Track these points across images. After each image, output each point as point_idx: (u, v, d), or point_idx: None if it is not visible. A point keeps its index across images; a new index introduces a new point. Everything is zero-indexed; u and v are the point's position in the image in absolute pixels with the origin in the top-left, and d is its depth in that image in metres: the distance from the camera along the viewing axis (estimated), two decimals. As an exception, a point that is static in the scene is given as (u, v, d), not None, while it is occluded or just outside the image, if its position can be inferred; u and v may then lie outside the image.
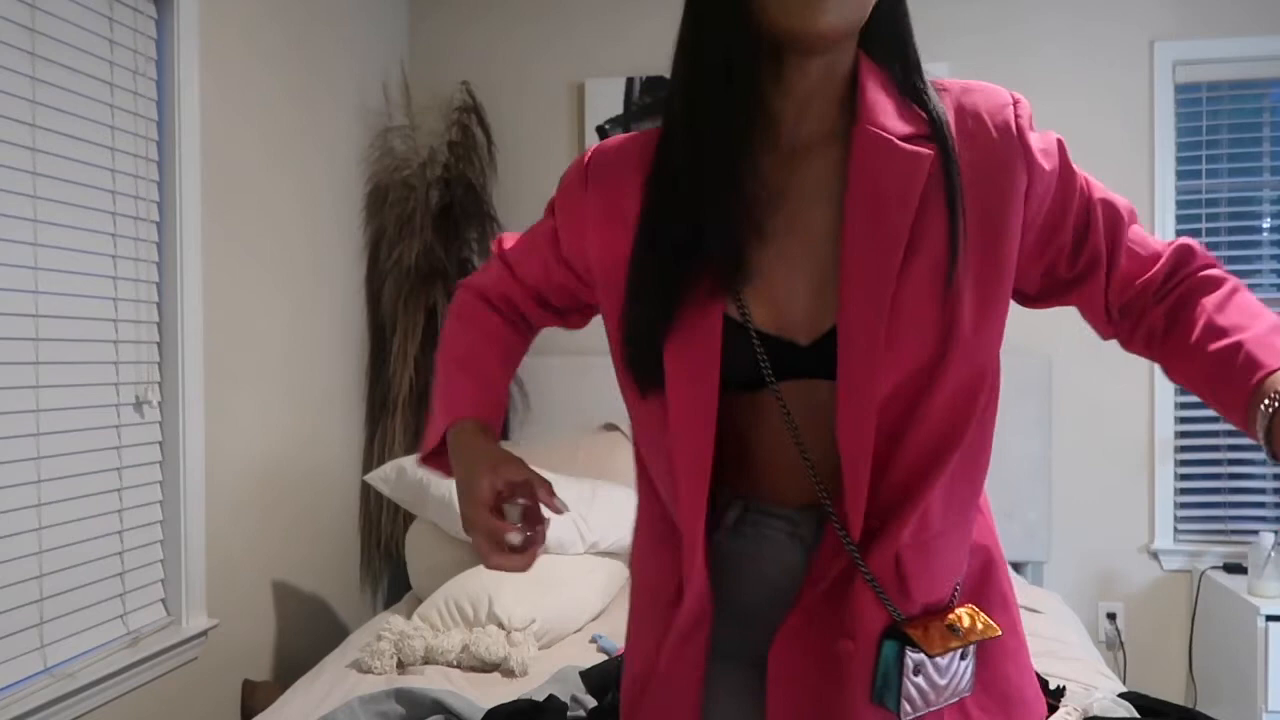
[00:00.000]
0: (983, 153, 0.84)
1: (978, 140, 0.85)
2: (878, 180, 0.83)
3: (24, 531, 1.77)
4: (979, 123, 0.85)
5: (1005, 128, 0.85)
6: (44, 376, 1.82)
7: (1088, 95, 3.19)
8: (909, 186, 0.82)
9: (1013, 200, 0.84)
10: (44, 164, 1.81)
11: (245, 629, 2.44)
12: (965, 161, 0.84)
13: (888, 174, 0.83)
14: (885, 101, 0.86)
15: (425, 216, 3.14)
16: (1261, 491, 3.17)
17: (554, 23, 3.43)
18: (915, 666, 0.83)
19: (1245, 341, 0.82)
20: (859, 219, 0.82)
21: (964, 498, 0.88)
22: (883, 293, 0.80)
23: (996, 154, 0.84)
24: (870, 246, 0.81)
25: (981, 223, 0.83)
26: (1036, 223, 0.87)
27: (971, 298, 0.82)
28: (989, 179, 0.84)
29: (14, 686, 1.74)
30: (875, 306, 0.80)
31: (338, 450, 2.99)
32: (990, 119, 0.85)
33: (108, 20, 1.97)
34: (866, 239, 0.81)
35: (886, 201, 0.82)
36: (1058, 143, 0.90)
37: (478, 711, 1.82)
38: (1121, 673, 3.12)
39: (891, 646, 0.84)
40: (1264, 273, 3.18)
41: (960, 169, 0.83)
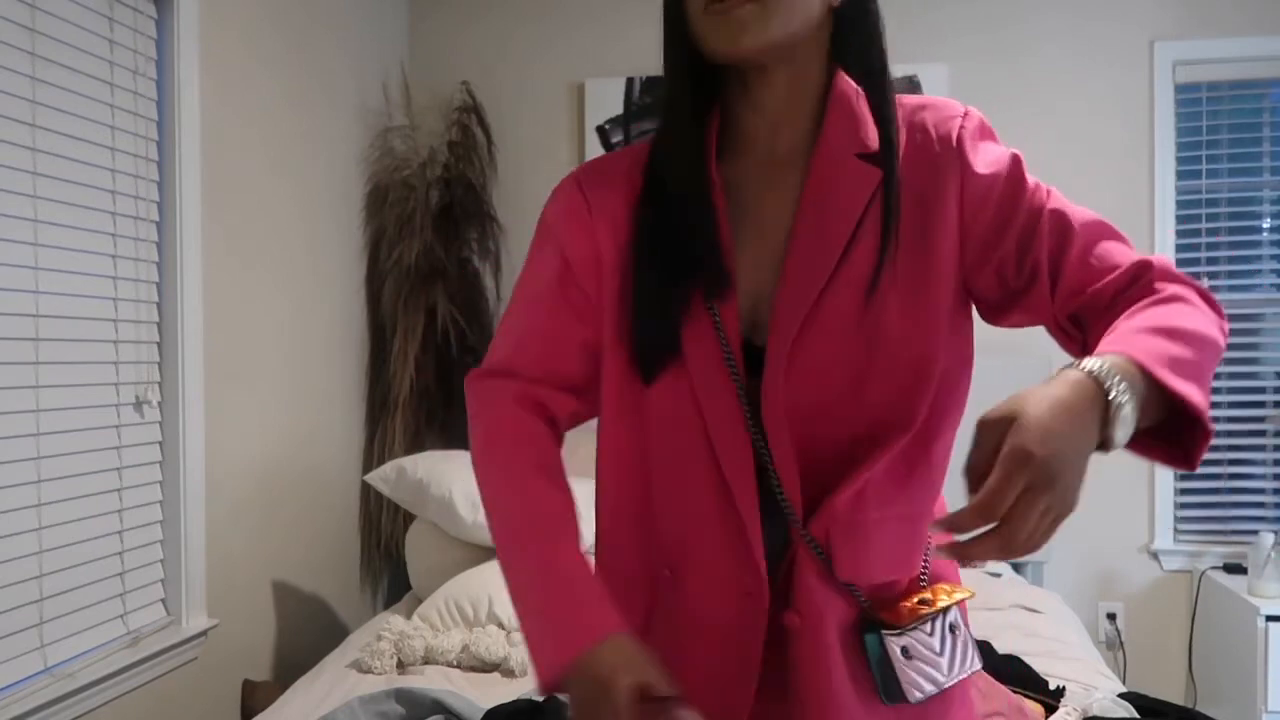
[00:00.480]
0: (925, 165, 0.88)
1: (923, 153, 0.89)
2: (827, 195, 0.88)
3: (24, 531, 1.77)
4: (925, 136, 0.89)
5: (946, 138, 0.89)
6: (44, 376, 1.82)
7: (1088, 95, 3.19)
8: (853, 202, 0.87)
9: (944, 205, 0.87)
10: (44, 164, 1.81)
11: (245, 629, 2.44)
12: (910, 175, 0.88)
13: (837, 190, 0.88)
14: (850, 119, 0.89)
15: (425, 216, 3.14)
16: (1261, 491, 3.17)
17: (554, 23, 3.43)
18: (903, 649, 0.85)
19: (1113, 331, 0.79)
20: (804, 230, 0.88)
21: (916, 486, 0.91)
22: (807, 297, 0.86)
23: (936, 164, 0.88)
24: (808, 257, 0.87)
25: (917, 229, 0.87)
26: (975, 229, 0.88)
27: (900, 299, 0.86)
28: (927, 188, 0.88)
29: (14, 686, 1.74)
30: (798, 310, 0.86)
31: (338, 450, 2.99)
32: (935, 131, 0.89)
33: (108, 20, 1.97)
34: (806, 249, 0.87)
35: (831, 215, 0.87)
36: (1011, 156, 0.90)
37: (478, 711, 1.82)
38: (1121, 673, 3.12)
39: (872, 639, 0.86)
40: (1264, 273, 3.18)
41: (903, 184, 0.87)
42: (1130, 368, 0.71)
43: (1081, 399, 0.69)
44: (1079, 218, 0.88)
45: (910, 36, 3.26)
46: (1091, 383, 0.70)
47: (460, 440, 3.13)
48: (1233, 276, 3.20)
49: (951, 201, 0.88)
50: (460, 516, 2.51)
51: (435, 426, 3.18)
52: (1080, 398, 0.69)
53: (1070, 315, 0.87)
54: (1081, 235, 0.86)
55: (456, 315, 3.13)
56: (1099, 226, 0.88)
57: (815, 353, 0.86)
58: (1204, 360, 0.77)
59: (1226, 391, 3.18)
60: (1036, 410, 0.67)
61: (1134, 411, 0.70)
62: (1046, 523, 0.67)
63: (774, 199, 0.91)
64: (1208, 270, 3.20)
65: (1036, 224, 0.87)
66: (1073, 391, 0.69)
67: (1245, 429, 3.16)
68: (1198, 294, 0.83)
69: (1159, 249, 3.16)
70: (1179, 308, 0.80)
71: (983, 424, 0.69)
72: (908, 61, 3.23)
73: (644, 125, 3.35)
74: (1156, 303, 0.81)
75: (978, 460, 0.68)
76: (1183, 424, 0.75)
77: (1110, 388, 0.69)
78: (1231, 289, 3.19)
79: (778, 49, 0.86)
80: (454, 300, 3.15)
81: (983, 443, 0.69)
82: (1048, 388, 0.70)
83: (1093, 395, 0.69)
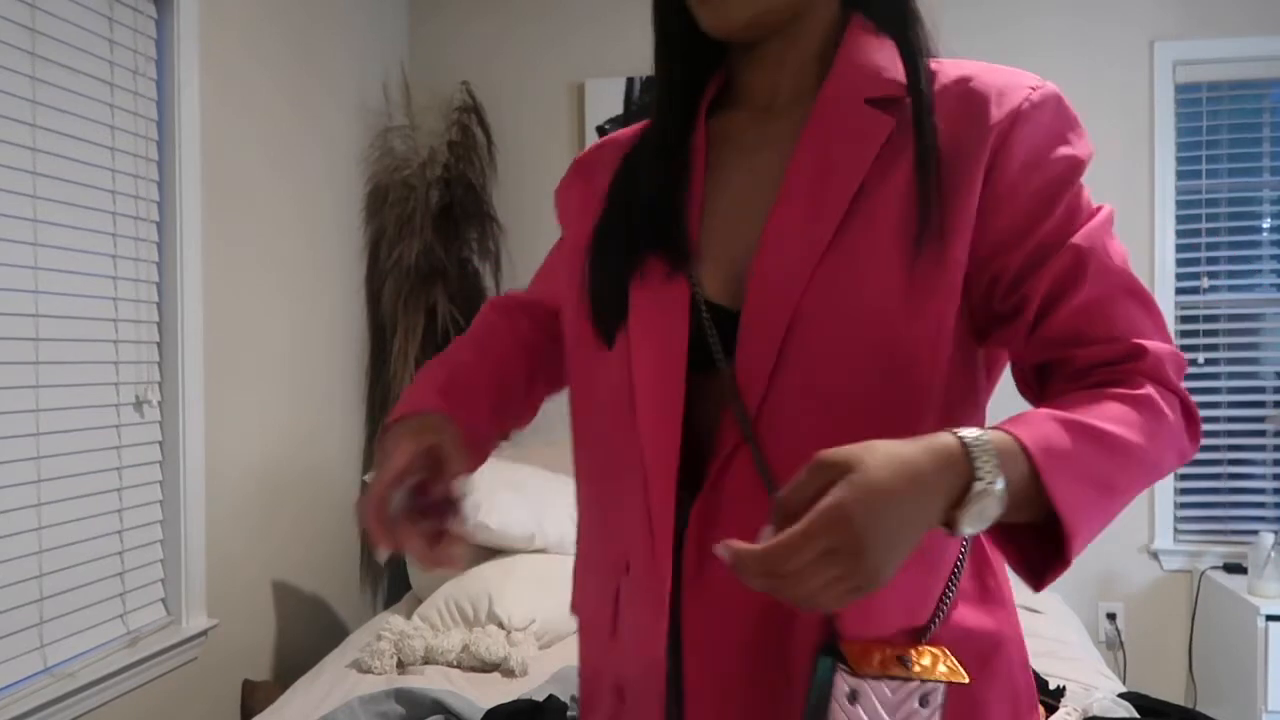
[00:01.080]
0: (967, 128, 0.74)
1: (968, 115, 0.74)
2: (828, 146, 0.76)
3: (24, 531, 1.77)
4: (979, 98, 0.75)
5: (1003, 104, 0.74)
6: (44, 376, 1.82)
7: (1088, 95, 3.19)
8: (857, 155, 0.74)
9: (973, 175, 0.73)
10: (44, 164, 1.81)
11: (245, 629, 2.44)
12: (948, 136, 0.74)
13: (839, 140, 0.75)
14: (863, 64, 0.78)
15: (425, 216, 3.14)
16: (1261, 491, 3.17)
17: (554, 23, 3.43)
18: (851, 692, 0.68)
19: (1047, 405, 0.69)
20: (796, 188, 0.75)
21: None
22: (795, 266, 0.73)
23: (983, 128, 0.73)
24: (796, 218, 0.74)
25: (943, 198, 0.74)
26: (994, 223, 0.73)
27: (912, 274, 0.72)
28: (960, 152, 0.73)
29: (14, 686, 1.74)
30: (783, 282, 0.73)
31: (338, 450, 2.99)
32: (996, 95, 0.74)
33: (108, 20, 1.97)
34: (793, 210, 0.75)
35: (832, 170, 0.74)
36: (1070, 159, 0.75)
37: (478, 711, 1.82)
38: (1121, 673, 3.12)
39: (825, 664, 0.70)
40: (1264, 273, 3.18)
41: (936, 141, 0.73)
42: (1016, 454, 0.62)
43: (936, 470, 0.60)
44: (1103, 264, 0.73)
45: (910, 36, 3.26)
46: (959, 455, 0.60)
47: (460, 440, 3.13)
48: (1233, 276, 3.19)
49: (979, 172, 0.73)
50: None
51: (435, 426, 3.18)
52: (935, 468, 0.60)
53: (1037, 365, 0.76)
54: (1095, 285, 0.72)
55: (457, 315, 3.13)
56: (1123, 283, 0.73)
57: (808, 335, 0.72)
58: (1123, 481, 0.67)
59: (1226, 391, 3.18)
60: (876, 467, 0.58)
61: (999, 504, 0.60)
62: (838, 591, 0.58)
63: (770, 153, 0.80)
64: (1208, 270, 3.20)
65: (1051, 251, 0.72)
66: (931, 459, 0.60)
67: (1245, 429, 3.16)
68: (1180, 406, 0.73)
69: (1159, 249, 3.16)
70: (1131, 413, 0.68)
71: (817, 462, 0.60)
72: (908, 61, 3.23)
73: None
74: (1118, 398, 0.69)
75: (794, 500, 0.59)
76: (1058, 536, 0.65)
77: (978, 468, 0.60)
78: (1231, 289, 3.19)
79: (775, 15, 0.79)
80: (454, 300, 3.15)
81: (807, 482, 0.59)
82: (905, 445, 0.60)
83: (952, 469, 0.60)
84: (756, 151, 0.82)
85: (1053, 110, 0.75)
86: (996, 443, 0.61)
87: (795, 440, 0.72)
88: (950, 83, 0.77)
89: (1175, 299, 3.18)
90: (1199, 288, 3.19)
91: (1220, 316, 3.19)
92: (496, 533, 2.48)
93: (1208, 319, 3.19)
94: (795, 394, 0.73)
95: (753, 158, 0.81)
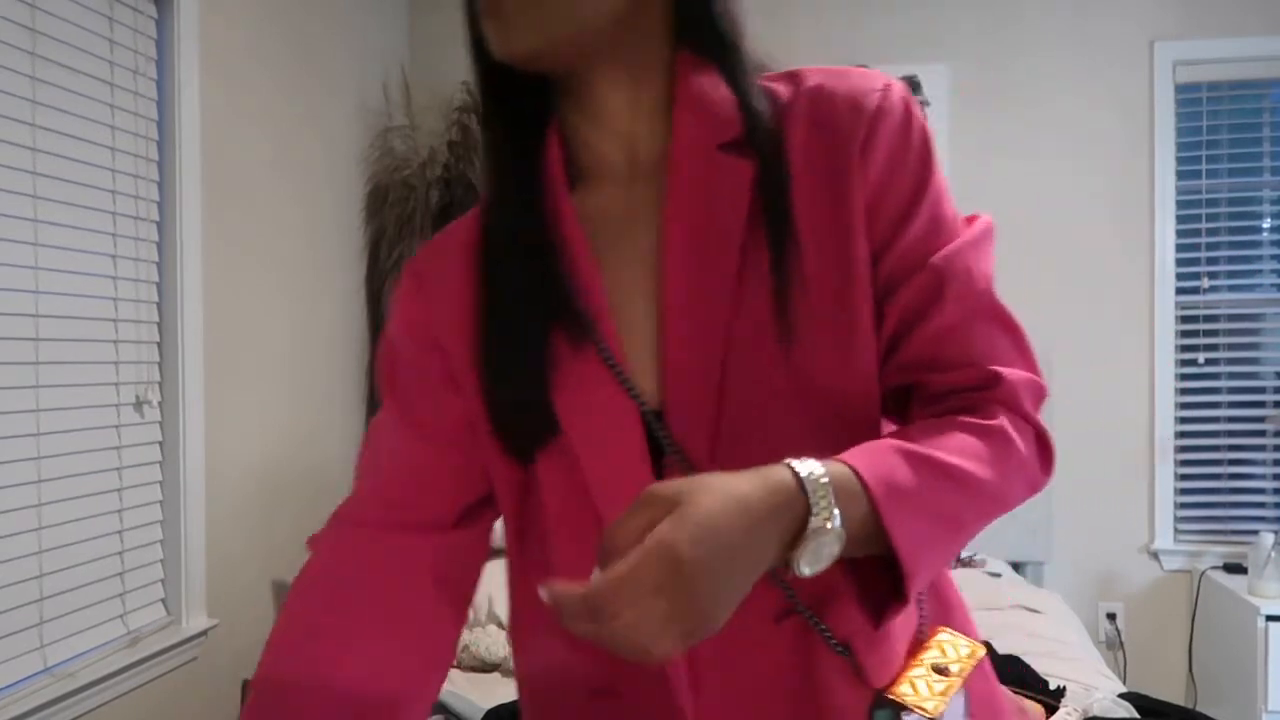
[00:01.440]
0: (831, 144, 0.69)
1: (829, 130, 0.70)
2: (696, 206, 0.69)
3: (24, 531, 1.77)
4: (831, 108, 0.70)
5: (859, 110, 0.69)
6: (44, 376, 1.82)
7: (1088, 95, 3.19)
8: (730, 207, 0.68)
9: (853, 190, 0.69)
10: (44, 164, 1.81)
11: (245, 629, 2.44)
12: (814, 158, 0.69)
13: (705, 195, 0.69)
14: (705, 106, 0.71)
15: (425, 216, 3.14)
16: (1261, 491, 3.17)
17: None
18: None
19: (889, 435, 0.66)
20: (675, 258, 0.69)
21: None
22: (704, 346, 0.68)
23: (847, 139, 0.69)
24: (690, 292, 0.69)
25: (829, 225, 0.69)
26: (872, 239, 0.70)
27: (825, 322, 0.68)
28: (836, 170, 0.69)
29: (14, 686, 1.74)
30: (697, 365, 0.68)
31: (338, 450, 2.99)
32: (846, 102, 0.70)
33: (108, 20, 1.97)
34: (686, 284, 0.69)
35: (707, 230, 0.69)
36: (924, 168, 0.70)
37: (478, 711, 1.82)
38: (1121, 673, 3.12)
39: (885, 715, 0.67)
40: (1264, 273, 3.18)
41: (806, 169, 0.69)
42: (855, 490, 0.58)
43: (770, 507, 0.56)
44: (964, 286, 0.69)
45: (910, 36, 3.26)
46: (795, 491, 0.56)
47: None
48: (1233, 276, 3.19)
49: (858, 186, 0.69)
50: (460, 516, 2.51)
51: (435, 426, 3.18)
52: (769, 505, 0.56)
53: (894, 388, 0.72)
54: (954, 308, 0.68)
55: (456, 315, 3.13)
56: (984, 306, 0.70)
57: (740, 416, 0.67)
58: (967, 516, 0.64)
59: (1227, 391, 3.18)
60: (708, 503, 0.54)
61: (837, 542, 0.57)
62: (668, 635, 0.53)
63: (641, 222, 0.72)
64: (1208, 270, 3.20)
65: (910, 269, 0.69)
66: (764, 495, 0.56)
67: (1245, 429, 3.16)
68: (1033, 435, 0.69)
69: (1159, 249, 3.16)
70: (987, 446, 0.65)
71: (646, 495, 0.55)
72: (908, 61, 3.23)
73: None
74: (968, 428, 0.65)
75: (620, 536, 0.54)
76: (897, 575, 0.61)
77: (815, 505, 0.56)
78: (1231, 289, 3.19)
79: (575, 46, 0.69)
80: (454, 300, 3.15)
81: (634, 517, 0.55)
82: (740, 479, 0.56)
83: (788, 506, 0.56)
84: (629, 231, 0.73)
85: (904, 114, 0.71)
86: (835, 478, 0.57)
87: None
88: (798, 98, 0.71)
89: (1175, 299, 3.18)
90: (1199, 288, 3.19)
91: (1220, 316, 3.19)
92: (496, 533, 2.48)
93: (1208, 319, 3.19)
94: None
95: (628, 239, 0.73)
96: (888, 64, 3.23)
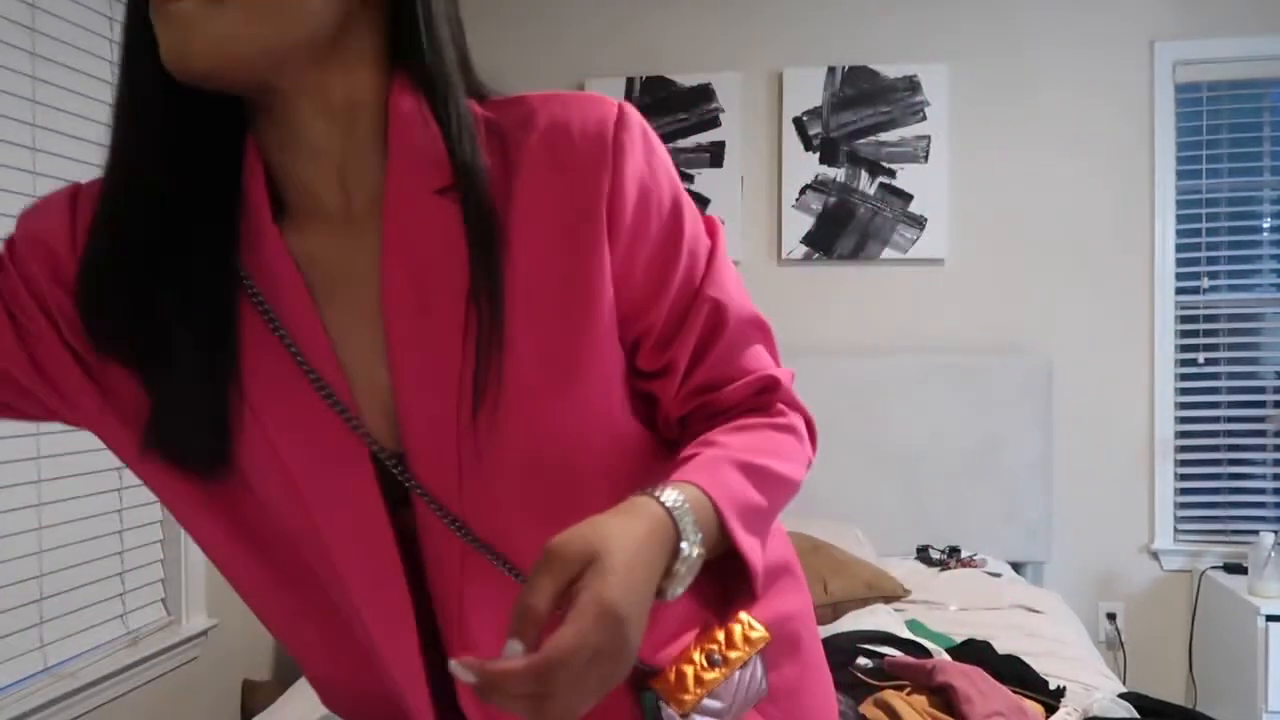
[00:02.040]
0: (567, 181, 0.66)
1: (562, 165, 0.66)
2: (415, 256, 0.65)
3: (24, 531, 1.77)
4: (564, 140, 0.66)
5: (597, 139, 0.66)
6: (44, 376, 1.82)
7: (1088, 95, 3.19)
8: (451, 256, 0.64)
9: (596, 228, 0.66)
10: (44, 164, 1.81)
11: (245, 629, 2.44)
12: (546, 197, 0.66)
13: (423, 244, 0.65)
14: (419, 145, 0.65)
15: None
16: (1261, 491, 3.17)
17: (555, 23, 3.43)
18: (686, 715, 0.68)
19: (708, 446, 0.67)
20: (396, 309, 0.65)
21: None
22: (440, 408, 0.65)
23: (584, 175, 0.66)
24: (418, 341, 0.65)
25: (567, 269, 0.66)
26: (629, 278, 0.68)
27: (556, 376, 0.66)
28: (571, 211, 0.66)
29: (14, 686, 1.74)
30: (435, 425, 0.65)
31: (338, 450, 2.99)
32: (579, 133, 0.66)
33: (108, 20, 1.97)
34: (411, 332, 0.65)
35: (428, 281, 0.65)
36: (671, 197, 0.69)
37: (478, 711, 1.81)
38: (1121, 673, 3.12)
39: (650, 697, 0.69)
40: (1264, 273, 3.18)
41: (536, 211, 0.65)
42: (707, 509, 0.62)
43: (657, 541, 0.58)
44: (735, 309, 0.71)
45: (910, 36, 3.26)
46: (668, 524, 0.59)
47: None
48: (1233, 276, 3.19)
49: (603, 225, 0.66)
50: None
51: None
52: (656, 539, 0.58)
53: (682, 415, 0.74)
54: (732, 332, 0.71)
55: (456, 315, 3.12)
56: (748, 319, 0.73)
57: (481, 459, 0.66)
58: (778, 507, 0.70)
59: (1226, 391, 3.18)
60: (622, 554, 0.54)
61: (699, 563, 0.60)
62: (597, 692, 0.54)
63: (358, 271, 0.67)
64: (1208, 270, 3.20)
65: (692, 304, 0.70)
66: (650, 529, 0.57)
67: (1245, 429, 3.16)
68: (805, 426, 0.75)
69: (1159, 249, 3.16)
70: (784, 443, 0.72)
71: (552, 556, 0.54)
72: (908, 61, 3.23)
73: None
74: (770, 428, 0.71)
75: (539, 603, 0.53)
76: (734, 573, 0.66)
77: (684, 533, 0.59)
78: (1231, 289, 3.19)
79: (266, 63, 0.60)
80: (454, 300, 3.14)
81: (547, 581, 0.53)
82: (625, 520, 0.57)
83: (665, 537, 0.58)
84: (348, 279, 0.67)
85: (644, 146, 0.68)
86: (692, 503, 0.60)
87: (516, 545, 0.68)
88: (530, 133, 0.67)
89: (1175, 299, 3.18)
90: (1199, 288, 3.19)
91: (1220, 316, 3.18)
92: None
93: (1208, 319, 3.19)
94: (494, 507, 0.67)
95: (348, 288, 0.67)
96: (888, 64, 3.23)
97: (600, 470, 0.69)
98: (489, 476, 0.66)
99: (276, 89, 0.62)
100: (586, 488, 0.68)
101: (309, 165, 0.66)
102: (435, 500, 0.66)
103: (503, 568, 0.67)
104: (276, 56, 0.60)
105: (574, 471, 0.68)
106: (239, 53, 0.59)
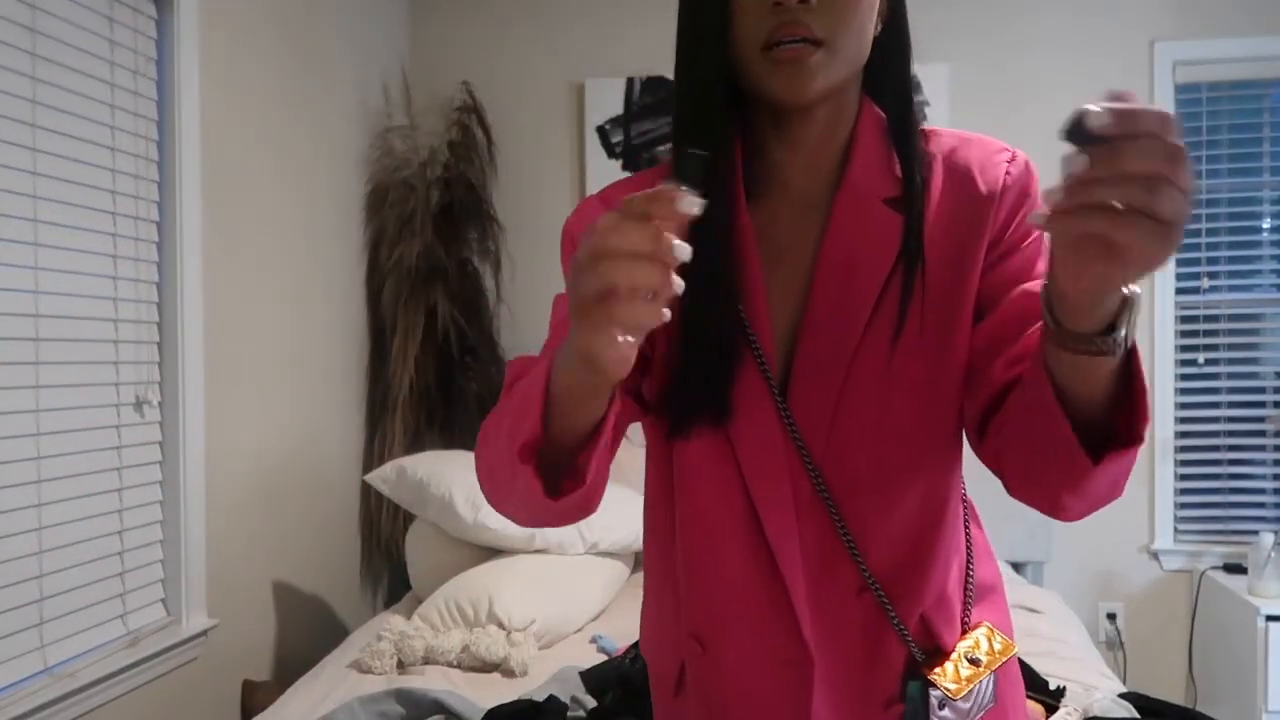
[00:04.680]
0: (966, 209, 0.82)
1: (964, 197, 0.82)
2: (852, 245, 0.82)
3: (24, 531, 1.77)
4: (967, 177, 0.83)
5: (993, 181, 0.82)
6: (44, 376, 1.82)
7: (1088, 95, 3.17)
8: (880, 255, 0.81)
9: (977, 252, 0.82)
10: (44, 164, 1.81)
11: (245, 629, 2.44)
12: (949, 221, 0.82)
13: (862, 240, 0.82)
14: (875, 157, 0.84)
15: (425, 216, 3.14)
16: (1261, 491, 3.17)
17: (554, 23, 3.43)
18: (940, 701, 0.83)
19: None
20: (826, 284, 0.82)
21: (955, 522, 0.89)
22: (835, 362, 0.81)
23: (976, 207, 0.82)
24: (832, 312, 0.81)
25: (954, 278, 0.81)
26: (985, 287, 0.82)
27: (928, 357, 0.82)
28: (966, 233, 0.82)
29: (14, 686, 1.74)
30: (828, 375, 0.81)
31: (338, 450, 2.99)
32: (980, 172, 0.83)
33: (108, 20, 1.97)
34: (829, 303, 0.81)
35: (856, 268, 0.81)
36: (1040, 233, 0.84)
37: (478, 711, 1.81)
38: (1121, 673, 3.12)
39: (916, 686, 0.83)
40: (1264, 273, 3.18)
41: (941, 230, 0.81)
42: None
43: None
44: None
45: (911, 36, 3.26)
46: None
47: (460, 440, 3.13)
48: (1233, 276, 3.19)
49: (980, 249, 0.82)
50: (460, 516, 2.51)
51: (435, 426, 3.18)
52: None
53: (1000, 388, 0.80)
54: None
55: (456, 315, 3.13)
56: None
57: (852, 419, 0.82)
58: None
59: (1226, 391, 3.18)
60: None
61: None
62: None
63: (801, 244, 0.85)
64: (1208, 270, 3.20)
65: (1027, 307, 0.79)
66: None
67: (1245, 429, 3.16)
68: None
69: (1159, 249, 3.16)
70: None
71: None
72: (908, 61, 3.23)
73: (644, 126, 3.35)
74: None
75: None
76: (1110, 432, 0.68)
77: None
78: (1231, 289, 3.19)
79: (838, 88, 0.81)
80: (454, 300, 3.15)
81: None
82: None
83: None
84: (786, 252, 0.85)
85: (1026, 171, 0.84)
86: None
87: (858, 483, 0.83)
88: (938, 158, 0.84)
89: (1175, 299, 3.18)
90: (1199, 288, 3.19)
91: (1220, 316, 3.19)
92: (497, 533, 2.48)
93: (1208, 319, 3.19)
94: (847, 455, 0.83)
95: (785, 259, 0.84)
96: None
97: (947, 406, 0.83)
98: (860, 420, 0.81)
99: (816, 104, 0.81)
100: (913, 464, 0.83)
101: (788, 153, 0.85)
102: (802, 440, 0.82)
103: (835, 521, 0.82)
104: (845, 84, 0.82)
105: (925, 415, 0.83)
106: (833, 86, 0.80)
